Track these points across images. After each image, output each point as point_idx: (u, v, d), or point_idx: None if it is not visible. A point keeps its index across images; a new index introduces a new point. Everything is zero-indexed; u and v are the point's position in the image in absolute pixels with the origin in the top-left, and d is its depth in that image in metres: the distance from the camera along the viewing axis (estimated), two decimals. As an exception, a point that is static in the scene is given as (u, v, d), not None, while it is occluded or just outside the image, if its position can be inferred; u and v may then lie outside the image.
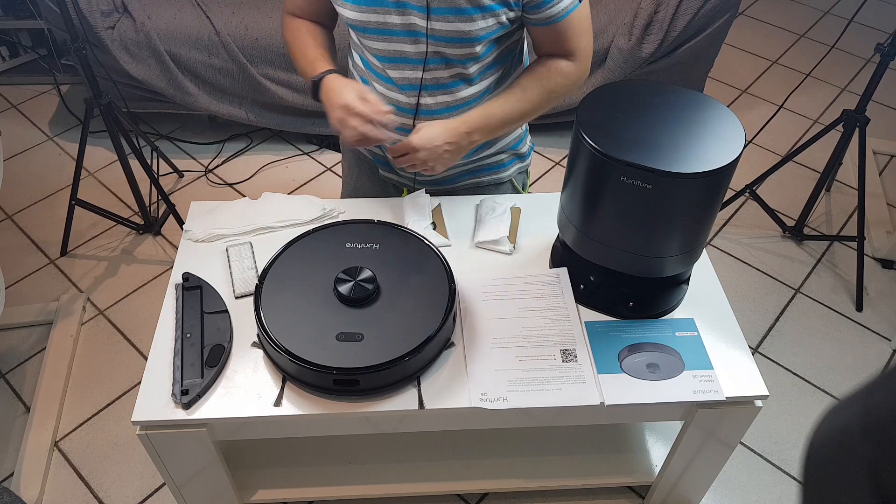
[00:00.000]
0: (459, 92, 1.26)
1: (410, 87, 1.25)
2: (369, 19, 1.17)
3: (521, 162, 1.48)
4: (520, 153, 1.46)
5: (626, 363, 1.19)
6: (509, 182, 1.49)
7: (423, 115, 1.28)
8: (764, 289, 2.13)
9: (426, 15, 1.13)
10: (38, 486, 1.61)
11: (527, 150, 1.48)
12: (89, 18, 2.22)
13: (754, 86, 2.96)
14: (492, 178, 1.47)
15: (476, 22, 1.13)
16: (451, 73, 1.23)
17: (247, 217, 1.41)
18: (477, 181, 1.46)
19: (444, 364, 1.18)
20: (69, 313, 1.98)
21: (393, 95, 1.27)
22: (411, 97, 1.26)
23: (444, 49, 1.18)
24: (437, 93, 1.25)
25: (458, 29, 1.14)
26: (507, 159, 1.45)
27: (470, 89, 1.26)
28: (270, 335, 1.11)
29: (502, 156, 1.44)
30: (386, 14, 1.15)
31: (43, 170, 2.48)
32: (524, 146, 1.46)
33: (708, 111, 1.13)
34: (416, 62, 1.21)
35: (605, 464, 1.49)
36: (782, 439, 1.75)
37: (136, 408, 1.12)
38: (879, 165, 2.58)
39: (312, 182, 2.46)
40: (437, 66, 1.21)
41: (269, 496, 1.42)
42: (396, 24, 1.16)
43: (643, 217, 1.10)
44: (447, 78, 1.23)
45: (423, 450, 1.50)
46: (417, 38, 1.17)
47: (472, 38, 1.16)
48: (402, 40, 1.18)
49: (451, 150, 1.22)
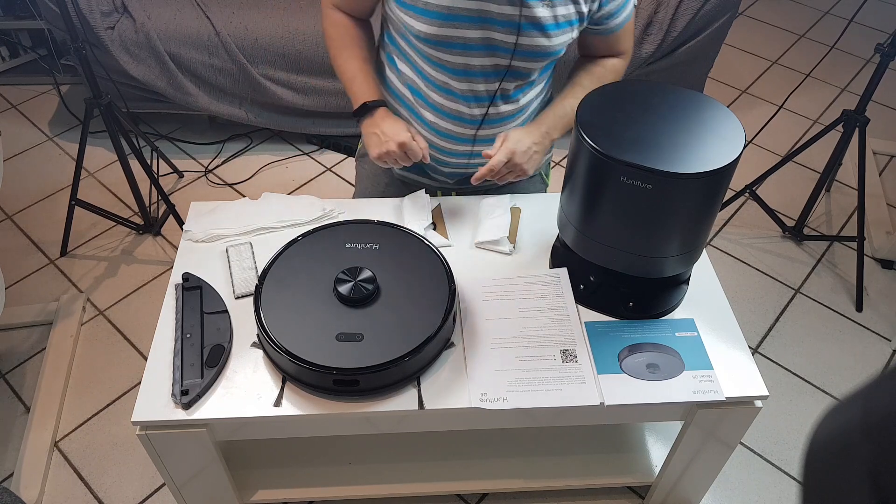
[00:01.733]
0: (519, 101, 1.31)
1: (477, 98, 1.28)
2: (445, 33, 1.18)
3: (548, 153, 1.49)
4: None
5: (626, 363, 1.19)
6: (539, 174, 1.51)
7: (485, 124, 1.32)
8: (764, 289, 2.13)
9: (513, 30, 1.17)
10: (38, 486, 1.61)
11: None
12: (89, 18, 2.22)
13: (754, 86, 2.96)
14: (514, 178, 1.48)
15: (556, 38, 1.20)
16: (516, 83, 1.28)
17: (247, 217, 1.41)
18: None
19: (444, 364, 1.18)
20: (69, 313, 1.98)
21: (453, 106, 1.29)
22: (473, 108, 1.29)
23: (520, 63, 1.23)
24: (500, 103, 1.30)
25: (540, 44, 1.20)
26: None
27: (527, 97, 1.33)
28: (270, 335, 1.11)
29: None
30: (463, 28, 1.18)
31: (43, 170, 2.48)
32: None
33: (708, 111, 1.13)
34: (489, 75, 1.24)
35: (605, 464, 1.49)
36: (782, 439, 1.75)
37: (136, 408, 1.12)
38: (879, 165, 2.58)
39: (312, 182, 2.46)
40: (506, 78, 1.26)
41: (269, 496, 1.42)
42: (474, 39, 1.19)
43: (643, 217, 1.10)
44: (512, 88, 1.28)
45: (423, 450, 1.50)
46: (495, 52, 1.21)
47: (550, 53, 1.22)
48: (479, 54, 1.21)
49: (539, 151, 1.29)
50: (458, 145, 1.35)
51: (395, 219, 1.38)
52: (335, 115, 2.47)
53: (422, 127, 1.36)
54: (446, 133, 1.33)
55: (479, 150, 1.35)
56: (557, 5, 1.17)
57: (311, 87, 2.38)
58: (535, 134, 1.29)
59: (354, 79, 1.32)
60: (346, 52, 1.32)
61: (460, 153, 1.37)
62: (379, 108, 1.30)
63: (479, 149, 1.35)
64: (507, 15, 1.16)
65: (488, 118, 1.31)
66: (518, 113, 1.34)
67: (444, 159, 1.39)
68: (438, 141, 1.35)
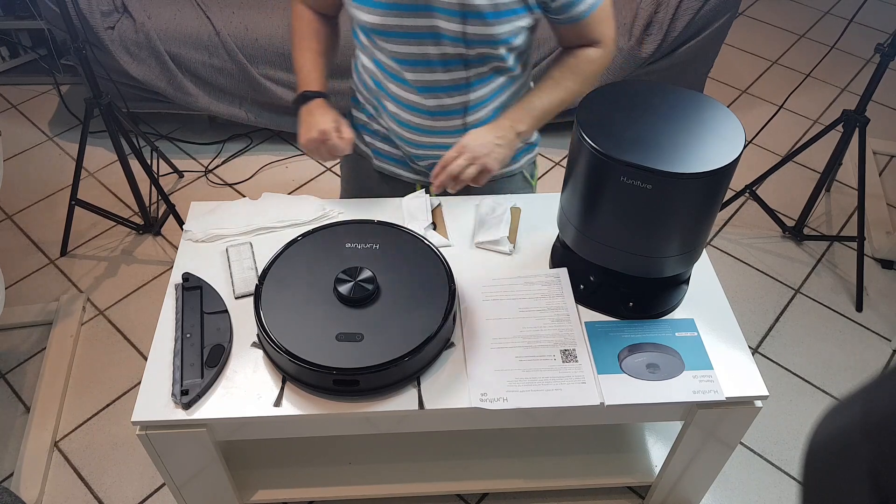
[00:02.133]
0: (476, 91, 1.28)
1: (428, 89, 1.26)
2: (390, 22, 1.18)
3: (529, 153, 1.49)
4: (527, 144, 1.47)
5: (626, 363, 1.19)
6: (520, 174, 1.50)
7: (440, 115, 1.30)
8: (764, 289, 2.13)
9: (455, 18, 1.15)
10: (38, 486, 1.61)
11: (535, 139, 1.49)
12: (89, 18, 2.22)
13: (754, 86, 2.96)
14: (504, 171, 1.47)
15: (501, 26, 1.16)
16: (469, 73, 1.25)
17: (247, 217, 1.41)
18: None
19: (444, 364, 1.18)
20: (69, 313, 1.98)
21: (410, 97, 1.28)
22: (428, 98, 1.27)
23: (467, 51, 1.20)
24: (455, 93, 1.27)
25: (485, 32, 1.17)
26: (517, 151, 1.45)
27: (485, 88, 1.28)
28: (270, 335, 1.11)
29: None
30: (407, 17, 1.17)
31: (43, 170, 2.48)
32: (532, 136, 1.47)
33: (708, 111, 1.13)
34: (436, 64, 1.23)
35: (605, 464, 1.49)
36: (782, 439, 1.75)
37: (136, 408, 1.12)
38: (879, 165, 2.58)
39: (312, 182, 2.46)
40: (457, 67, 1.23)
41: (269, 496, 1.42)
42: (418, 27, 1.18)
43: (643, 217, 1.10)
44: (465, 79, 1.25)
45: (423, 450, 1.50)
46: (441, 40, 1.19)
47: (497, 41, 1.19)
48: (424, 43, 1.20)
49: (502, 144, 1.25)
50: (421, 136, 1.34)
51: (395, 219, 1.38)
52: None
53: (388, 119, 1.36)
54: (408, 124, 1.33)
55: (442, 142, 1.34)
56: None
57: (311, 87, 2.38)
58: (497, 128, 1.25)
59: (302, 69, 1.33)
60: (301, 43, 1.34)
61: (425, 144, 1.36)
62: (316, 99, 1.30)
63: (440, 140, 1.34)
64: (447, 3, 1.14)
65: (445, 109, 1.29)
66: (478, 105, 1.31)
67: (412, 151, 1.39)
68: (403, 132, 1.35)
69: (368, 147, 1.47)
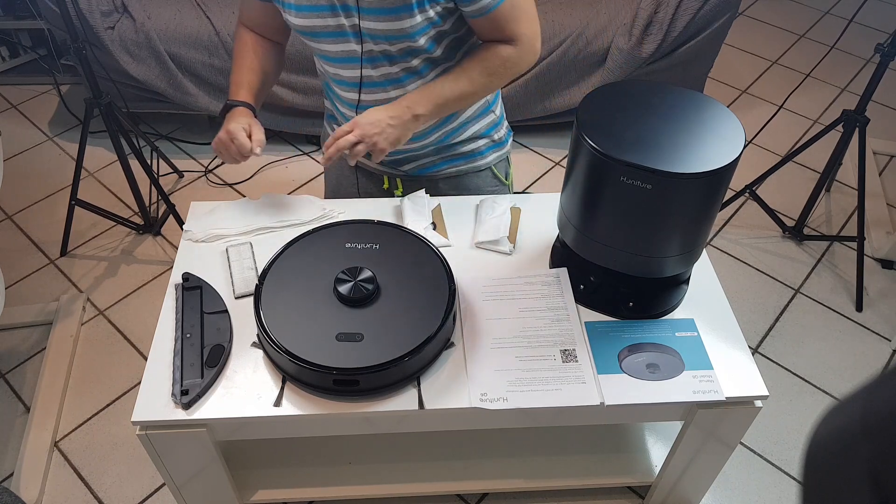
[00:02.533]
0: (411, 84, 1.28)
1: (363, 84, 1.29)
2: (312, 24, 1.21)
3: (498, 150, 1.48)
4: (496, 140, 1.47)
5: (626, 363, 1.19)
6: (488, 170, 1.49)
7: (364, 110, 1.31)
8: (764, 289, 2.13)
9: (361, 15, 1.17)
10: (38, 486, 1.61)
11: (503, 136, 1.48)
12: (89, 18, 2.22)
13: (754, 86, 2.96)
14: (470, 167, 1.47)
15: (406, 20, 1.16)
16: (399, 68, 1.26)
17: (247, 217, 1.41)
18: (456, 169, 1.47)
19: (444, 364, 1.18)
20: (69, 313, 1.98)
21: (350, 95, 1.31)
22: (366, 94, 1.30)
23: (388, 46, 1.21)
24: (391, 88, 1.28)
25: (393, 27, 1.17)
26: (483, 146, 1.45)
27: (420, 81, 1.29)
28: (270, 335, 1.11)
29: (479, 142, 1.44)
30: (325, 17, 1.19)
31: (43, 170, 2.48)
32: (499, 132, 1.47)
33: (708, 111, 1.13)
34: (364, 61, 1.25)
35: (605, 464, 1.49)
36: (782, 439, 1.75)
37: (136, 408, 1.12)
38: (879, 165, 2.58)
39: (312, 182, 2.46)
40: (382, 63, 1.25)
41: (269, 496, 1.42)
42: (338, 27, 1.20)
43: (643, 217, 1.10)
44: (396, 73, 1.26)
45: (423, 450, 1.50)
46: (361, 38, 1.21)
47: (408, 35, 1.19)
48: (349, 41, 1.22)
49: (394, 124, 1.23)
50: None
51: (395, 219, 1.38)
52: (335, 115, 2.48)
53: (341, 118, 1.39)
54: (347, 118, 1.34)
55: None
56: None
57: (311, 87, 2.38)
58: (393, 108, 1.24)
59: (231, 83, 1.35)
60: (236, 61, 1.36)
61: None
62: (238, 107, 1.32)
63: None
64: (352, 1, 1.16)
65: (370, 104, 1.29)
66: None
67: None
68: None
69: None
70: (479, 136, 1.43)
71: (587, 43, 2.36)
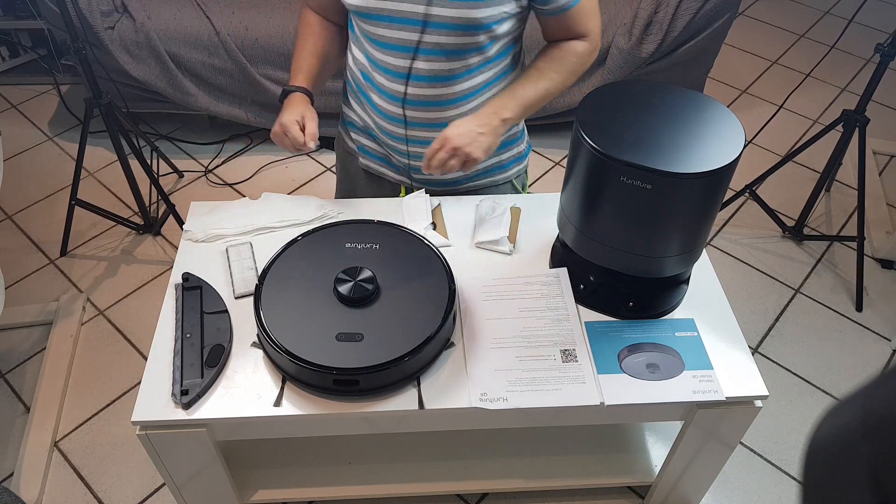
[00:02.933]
0: (459, 84, 1.25)
1: (410, 77, 1.24)
2: (374, 5, 1.17)
3: (519, 163, 1.48)
4: (517, 153, 1.46)
5: (625, 363, 1.19)
6: (509, 183, 1.49)
7: (422, 106, 1.27)
8: (764, 289, 2.13)
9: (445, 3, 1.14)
10: (37, 486, 1.61)
11: (524, 149, 1.48)
12: (89, 18, 2.22)
13: (754, 86, 2.96)
14: (491, 181, 1.47)
15: (483, 9, 1.14)
16: (452, 65, 1.22)
17: (247, 217, 1.41)
18: (477, 182, 1.46)
19: (444, 364, 1.18)
20: (69, 313, 1.98)
21: (393, 86, 1.27)
22: (411, 87, 1.25)
23: (446, 38, 1.18)
24: (438, 84, 1.25)
25: (465, 15, 1.14)
26: (506, 161, 1.45)
27: (469, 82, 1.26)
28: (270, 335, 1.11)
29: (502, 156, 1.44)
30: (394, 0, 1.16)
31: (43, 170, 2.48)
32: (521, 145, 1.46)
33: (708, 111, 1.13)
34: (419, 52, 1.21)
35: (605, 464, 1.49)
36: (782, 439, 1.75)
37: (136, 408, 1.12)
38: (879, 165, 2.58)
39: (312, 182, 2.46)
40: (436, 56, 1.21)
41: (269, 496, 1.42)
42: (402, 12, 1.16)
43: (643, 217, 1.10)
44: (446, 70, 1.23)
45: (423, 450, 1.50)
46: (425, 26, 1.17)
47: (478, 26, 1.16)
48: (406, 28, 1.18)
49: (485, 133, 1.22)
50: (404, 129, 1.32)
51: (395, 219, 1.38)
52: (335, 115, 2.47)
53: (373, 112, 1.35)
54: (392, 116, 1.31)
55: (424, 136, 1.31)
56: None
57: (311, 87, 2.38)
58: (480, 116, 1.23)
59: (292, 67, 1.36)
60: (298, 44, 1.36)
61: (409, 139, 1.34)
62: (295, 93, 1.33)
63: (422, 134, 1.32)
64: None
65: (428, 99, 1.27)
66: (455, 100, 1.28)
67: (394, 146, 1.37)
68: (386, 125, 1.34)
69: (355, 144, 1.48)
70: (502, 150, 1.42)
71: (587, 43, 2.36)
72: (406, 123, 1.31)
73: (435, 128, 1.29)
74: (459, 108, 1.29)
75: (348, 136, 1.49)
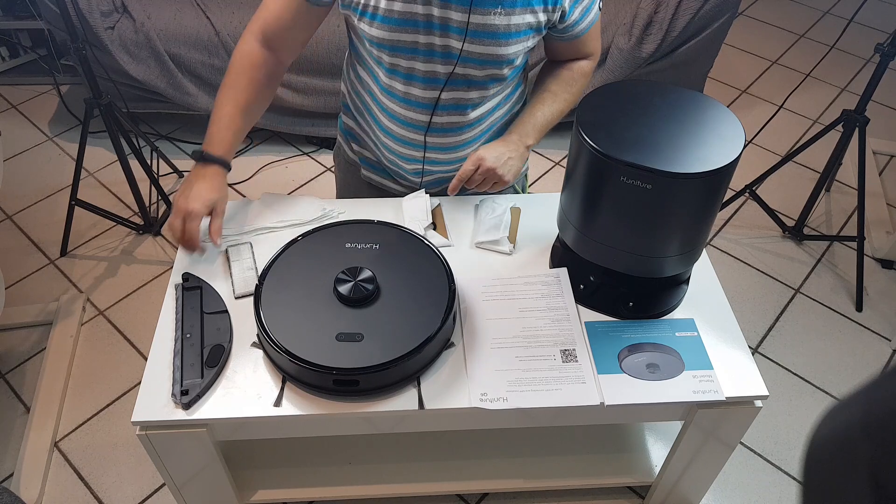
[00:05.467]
0: (472, 112, 1.30)
1: (428, 105, 1.27)
2: (398, 38, 1.17)
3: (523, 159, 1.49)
4: None
5: (626, 363, 1.19)
6: (511, 188, 1.50)
7: (437, 132, 1.31)
8: (764, 289, 2.13)
9: (467, 38, 1.16)
10: (37, 487, 1.61)
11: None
12: (89, 18, 2.22)
13: (754, 86, 2.96)
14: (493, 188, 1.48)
15: (507, 46, 1.18)
16: (471, 94, 1.26)
17: (247, 217, 1.41)
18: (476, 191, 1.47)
19: (444, 364, 1.18)
20: (69, 313, 1.98)
21: (408, 114, 1.28)
22: (427, 115, 1.28)
23: (474, 70, 1.22)
24: (455, 112, 1.28)
25: (491, 52, 1.18)
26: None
27: (481, 108, 1.30)
28: (270, 335, 1.11)
29: None
30: (415, 34, 1.17)
31: (43, 170, 2.48)
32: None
33: (708, 111, 1.13)
34: (440, 82, 1.23)
35: (605, 464, 1.49)
36: (782, 439, 1.75)
37: (136, 408, 1.12)
38: (879, 165, 2.58)
39: (312, 182, 2.46)
40: (460, 87, 1.24)
41: (269, 496, 1.42)
42: (424, 44, 1.18)
43: (643, 217, 1.10)
44: (466, 99, 1.27)
45: (423, 450, 1.50)
46: (448, 58, 1.20)
47: (503, 61, 1.21)
48: (433, 61, 1.20)
49: (514, 157, 1.28)
50: (415, 151, 1.35)
51: (395, 219, 1.38)
52: (335, 115, 2.47)
53: (379, 132, 1.36)
54: (402, 139, 1.33)
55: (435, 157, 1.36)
56: (513, 14, 1.15)
57: (311, 87, 2.38)
58: (507, 142, 1.29)
59: (215, 122, 1.24)
60: (231, 91, 1.24)
61: (418, 159, 1.36)
62: (213, 165, 1.23)
63: (434, 156, 1.35)
64: (459, 22, 1.15)
65: (442, 127, 1.29)
66: (468, 126, 1.31)
67: (403, 165, 1.39)
68: (395, 146, 1.35)
69: (357, 155, 1.48)
70: None
71: (587, 43, 2.36)
72: (425, 149, 1.34)
73: (451, 151, 1.35)
74: (474, 130, 1.34)
75: (349, 146, 1.49)
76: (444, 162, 1.37)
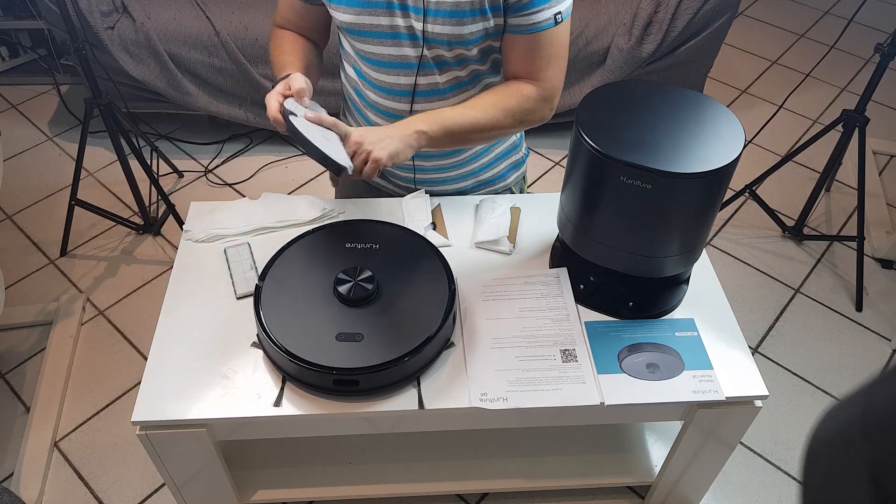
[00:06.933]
0: (453, 98, 1.26)
1: (405, 93, 1.25)
2: (362, 21, 1.17)
3: (517, 170, 1.49)
4: (515, 162, 1.48)
5: (625, 363, 1.19)
6: (508, 190, 1.51)
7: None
8: (764, 289, 2.13)
9: (424, 17, 1.14)
10: (37, 487, 1.61)
11: (521, 156, 1.49)
12: (89, 18, 2.22)
13: (754, 86, 2.96)
14: (490, 189, 1.48)
15: (468, 25, 1.14)
16: (446, 77, 1.23)
17: (247, 217, 1.41)
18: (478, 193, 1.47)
19: (444, 364, 1.18)
20: (69, 313, 1.98)
21: (387, 104, 1.27)
22: (405, 103, 1.26)
23: (444, 52, 1.18)
24: (434, 98, 1.25)
25: (454, 32, 1.14)
26: (504, 170, 1.46)
27: (462, 95, 1.26)
28: (270, 335, 1.11)
29: (500, 166, 1.45)
30: (381, 16, 1.15)
31: (43, 170, 2.48)
32: (519, 153, 1.47)
33: (708, 111, 1.13)
34: (412, 67, 1.21)
35: (605, 464, 1.49)
36: (782, 439, 1.75)
37: (136, 408, 1.12)
38: (879, 165, 2.58)
39: (312, 182, 2.46)
40: (431, 70, 1.22)
41: (269, 496, 1.42)
42: (388, 27, 1.16)
43: (643, 217, 1.10)
44: (443, 83, 1.23)
45: (423, 450, 1.50)
46: (415, 41, 1.18)
47: (468, 41, 1.16)
48: (400, 44, 1.18)
49: (392, 137, 1.16)
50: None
51: (395, 219, 1.38)
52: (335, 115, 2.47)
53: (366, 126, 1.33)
54: None
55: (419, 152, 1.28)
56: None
57: (311, 87, 2.38)
58: (395, 125, 1.19)
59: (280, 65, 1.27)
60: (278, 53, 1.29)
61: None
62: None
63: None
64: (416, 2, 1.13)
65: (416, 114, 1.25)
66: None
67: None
68: None
69: None
70: (500, 158, 1.43)
71: (587, 43, 2.36)
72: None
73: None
74: None
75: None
76: (433, 156, 1.35)
